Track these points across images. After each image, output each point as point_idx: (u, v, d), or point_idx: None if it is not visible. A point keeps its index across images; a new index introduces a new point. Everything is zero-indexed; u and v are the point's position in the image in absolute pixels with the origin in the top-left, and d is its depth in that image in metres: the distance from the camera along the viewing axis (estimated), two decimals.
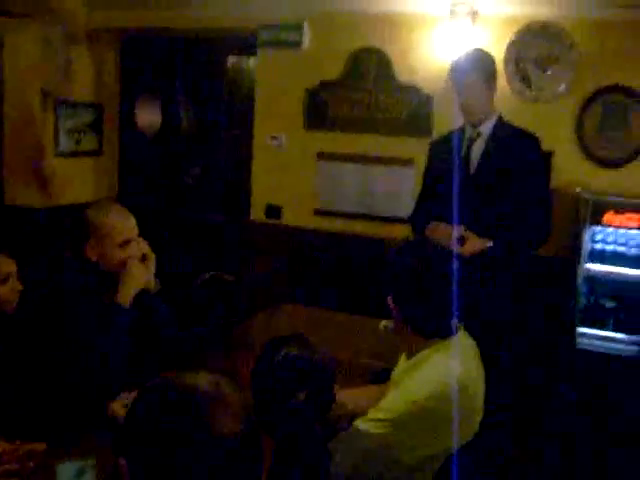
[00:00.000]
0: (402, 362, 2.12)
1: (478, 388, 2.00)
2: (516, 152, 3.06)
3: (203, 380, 1.07)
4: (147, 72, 5.42)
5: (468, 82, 3.05)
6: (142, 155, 5.50)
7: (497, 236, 2.96)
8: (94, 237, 2.30)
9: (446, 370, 1.90)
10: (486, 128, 3.11)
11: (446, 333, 1.97)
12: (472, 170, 3.08)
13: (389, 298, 1.98)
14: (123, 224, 2.36)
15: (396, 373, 2.14)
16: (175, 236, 5.07)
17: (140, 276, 2.36)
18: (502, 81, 3.97)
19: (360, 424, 1.89)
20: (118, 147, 5.51)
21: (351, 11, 4.40)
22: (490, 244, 2.95)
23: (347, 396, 2.11)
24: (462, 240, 2.94)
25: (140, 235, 2.42)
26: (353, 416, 1.97)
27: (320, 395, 1.67)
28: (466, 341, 2.06)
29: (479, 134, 3.11)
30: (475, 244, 2.95)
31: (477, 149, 3.10)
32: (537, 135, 3.14)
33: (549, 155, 3.92)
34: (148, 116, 5.47)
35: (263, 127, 4.76)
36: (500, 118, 3.15)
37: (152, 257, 2.44)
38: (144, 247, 2.43)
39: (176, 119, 5.40)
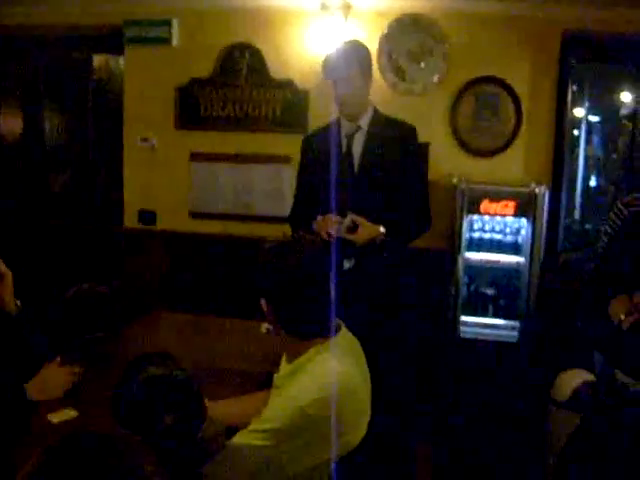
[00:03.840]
0: (283, 366, 2.00)
1: (363, 387, 1.91)
2: (396, 143, 3.04)
3: None
4: (6, 75, 5.04)
5: (346, 75, 2.97)
6: (4, 163, 5.13)
7: (386, 226, 2.92)
8: None
9: (328, 373, 1.79)
10: (364, 121, 3.06)
11: (324, 333, 1.87)
12: (356, 165, 3.03)
13: (262, 300, 1.86)
14: None
15: (278, 378, 2.02)
16: (45, 247, 4.76)
17: None
18: (376, 74, 3.94)
19: (241, 438, 1.75)
20: None
21: (221, 6, 4.27)
22: (382, 230, 2.90)
23: (221, 408, 1.97)
24: (354, 228, 2.88)
25: None
26: (235, 427, 1.83)
27: (188, 415, 1.53)
28: (348, 339, 1.97)
29: (359, 127, 3.06)
30: (369, 231, 2.90)
31: (358, 143, 3.06)
32: (413, 125, 3.13)
33: (426, 146, 3.94)
34: (9, 121, 5.10)
35: (133, 129, 4.55)
36: (376, 110, 3.11)
37: (8, 275, 2.23)
38: None
39: (40, 123, 5.06)
